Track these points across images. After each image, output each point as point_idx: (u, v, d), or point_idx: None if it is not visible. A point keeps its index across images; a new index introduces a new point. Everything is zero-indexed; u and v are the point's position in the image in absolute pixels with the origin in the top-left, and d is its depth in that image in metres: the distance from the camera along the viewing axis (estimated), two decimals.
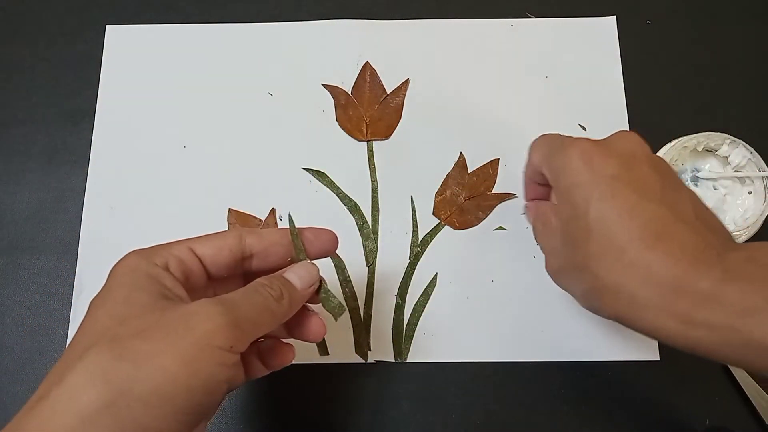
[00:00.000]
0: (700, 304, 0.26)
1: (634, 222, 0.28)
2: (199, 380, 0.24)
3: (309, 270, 0.32)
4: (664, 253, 0.27)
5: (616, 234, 0.28)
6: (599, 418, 0.43)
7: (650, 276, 0.27)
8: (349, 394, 0.44)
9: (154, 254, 0.28)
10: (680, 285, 0.27)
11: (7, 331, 0.45)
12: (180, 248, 0.29)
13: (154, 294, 0.27)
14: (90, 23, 0.53)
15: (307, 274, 0.31)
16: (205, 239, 0.31)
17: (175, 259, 0.29)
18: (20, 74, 0.51)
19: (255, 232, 0.32)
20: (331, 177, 0.48)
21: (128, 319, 0.25)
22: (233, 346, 0.26)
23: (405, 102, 0.50)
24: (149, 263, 0.28)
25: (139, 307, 0.26)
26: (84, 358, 0.24)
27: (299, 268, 0.31)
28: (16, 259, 0.47)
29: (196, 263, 0.30)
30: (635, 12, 0.52)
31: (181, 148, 0.49)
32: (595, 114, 0.49)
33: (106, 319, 0.25)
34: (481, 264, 0.46)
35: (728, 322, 0.26)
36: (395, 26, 0.52)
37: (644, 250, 0.27)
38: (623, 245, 0.28)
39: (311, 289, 0.31)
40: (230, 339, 0.25)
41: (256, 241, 0.31)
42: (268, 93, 0.51)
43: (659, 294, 0.27)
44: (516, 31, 0.52)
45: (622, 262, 0.28)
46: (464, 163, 0.48)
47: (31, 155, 0.49)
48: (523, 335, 0.44)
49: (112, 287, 0.27)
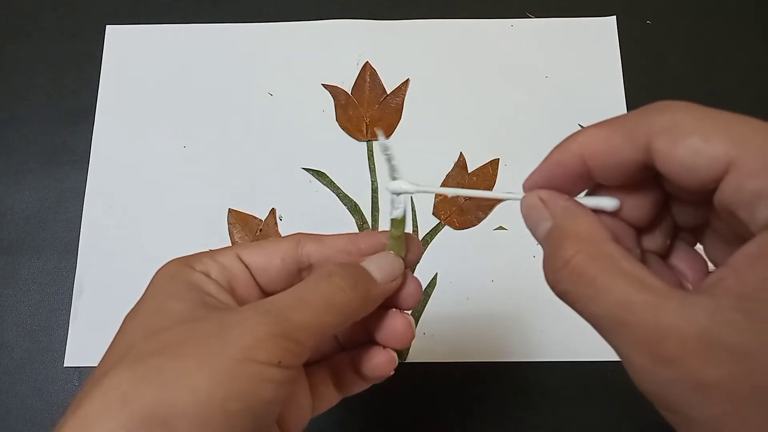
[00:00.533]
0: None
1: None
2: (240, 403, 0.20)
3: (391, 261, 0.26)
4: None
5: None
6: (599, 418, 0.43)
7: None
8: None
9: (196, 260, 0.25)
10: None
11: (7, 331, 0.45)
12: (225, 254, 0.26)
13: (192, 302, 0.23)
14: (90, 23, 0.53)
15: (389, 264, 0.26)
16: (255, 245, 0.27)
17: (218, 266, 0.25)
18: (20, 74, 0.51)
19: (315, 238, 0.27)
20: (331, 177, 0.48)
21: (158, 331, 0.22)
22: (282, 361, 0.21)
23: (405, 102, 0.50)
24: (189, 269, 0.24)
25: (172, 317, 0.22)
26: (102, 381, 0.20)
27: (380, 258, 0.26)
28: (16, 259, 0.47)
29: (242, 271, 0.26)
30: (635, 12, 0.52)
31: (181, 148, 0.49)
32: (595, 114, 0.49)
33: (135, 334, 0.22)
34: (481, 264, 0.46)
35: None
36: (395, 26, 0.52)
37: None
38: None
39: (394, 284, 0.26)
40: (277, 352, 0.21)
41: (316, 248, 0.27)
42: (268, 93, 0.51)
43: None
44: (516, 31, 0.52)
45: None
46: (464, 163, 0.48)
47: (31, 155, 0.49)
48: (523, 335, 0.44)
49: (147, 297, 0.24)
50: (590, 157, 0.21)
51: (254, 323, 0.21)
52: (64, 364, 0.44)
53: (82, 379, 0.44)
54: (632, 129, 0.20)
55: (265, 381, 0.21)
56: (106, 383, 0.20)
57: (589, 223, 0.22)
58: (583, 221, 0.22)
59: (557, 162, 0.23)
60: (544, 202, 0.23)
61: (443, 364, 0.44)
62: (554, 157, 0.23)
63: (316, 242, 0.27)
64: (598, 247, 0.20)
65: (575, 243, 0.21)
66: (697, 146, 0.18)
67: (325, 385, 0.29)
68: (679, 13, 0.53)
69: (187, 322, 0.22)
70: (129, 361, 0.21)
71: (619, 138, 0.20)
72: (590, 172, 0.22)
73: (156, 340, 0.21)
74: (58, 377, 0.44)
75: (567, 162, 0.22)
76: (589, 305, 0.20)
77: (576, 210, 0.22)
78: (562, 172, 0.23)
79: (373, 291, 0.25)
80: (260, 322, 0.21)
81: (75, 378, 0.44)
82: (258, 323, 0.21)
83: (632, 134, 0.20)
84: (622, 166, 0.21)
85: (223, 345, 0.21)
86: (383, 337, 0.27)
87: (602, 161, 0.21)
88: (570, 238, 0.21)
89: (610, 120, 0.21)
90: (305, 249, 0.27)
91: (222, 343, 0.21)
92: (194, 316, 0.22)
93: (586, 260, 0.20)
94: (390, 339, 0.27)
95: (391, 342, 0.27)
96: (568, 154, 0.22)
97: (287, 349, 0.21)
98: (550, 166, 0.23)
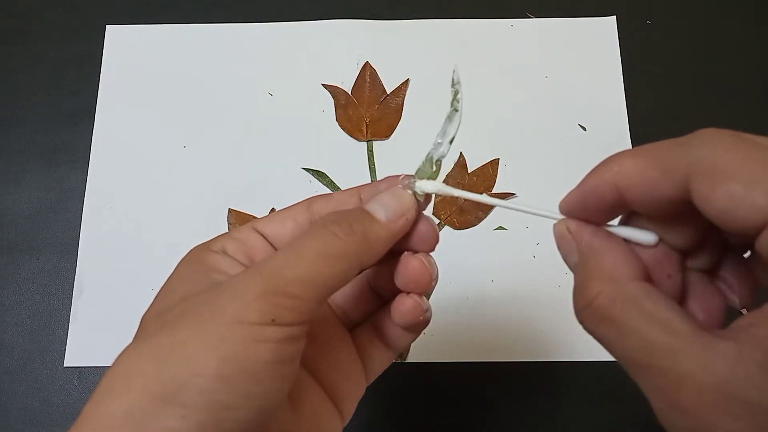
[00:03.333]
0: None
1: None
2: (234, 366, 0.19)
3: (398, 196, 0.25)
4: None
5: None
6: (599, 418, 0.43)
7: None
8: None
9: (212, 242, 0.25)
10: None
11: (7, 331, 0.45)
12: (242, 230, 0.26)
13: (201, 281, 0.23)
14: (90, 23, 0.53)
15: (395, 201, 0.24)
16: (269, 217, 0.26)
17: (235, 241, 0.25)
18: (20, 74, 0.51)
19: (324, 196, 0.26)
20: (331, 177, 0.48)
21: (162, 311, 0.22)
22: (276, 318, 0.20)
23: (405, 102, 0.50)
24: (204, 251, 0.24)
25: (176, 297, 0.22)
26: (111, 367, 0.20)
27: (384, 195, 0.25)
28: (16, 259, 0.47)
29: (260, 241, 0.25)
30: (635, 12, 0.52)
31: (181, 148, 0.49)
32: (595, 114, 0.49)
33: (145, 319, 0.23)
34: (481, 264, 0.46)
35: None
36: (395, 26, 0.52)
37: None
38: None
39: (402, 220, 0.24)
40: (269, 310, 0.20)
41: (323, 204, 0.26)
42: (268, 93, 0.51)
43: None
44: (516, 31, 0.52)
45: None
46: (464, 163, 0.48)
47: (31, 155, 0.49)
48: (523, 335, 0.44)
49: (167, 280, 0.24)
50: (625, 189, 0.20)
51: (245, 285, 0.21)
52: (64, 364, 0.44)
53: (82, 378, 0.44)
54: (669, 163, 0.19)
55: (260, 341, 0.20)
56: (114, 368, 0.20)
57: (615, 260, 0.21)
58: (609, 258, 0.21)
59: (591, 189, 0.21)
60: (572, 234, 0.22)
61: (443, 364, 0.44)
62: (588, 183, 0.21)
63: (324, 200, 0.26)
64: (621, 288, 0.20)
65: (598, 283, 0.20)
66: (737, 194, 0.17)
67: (373, 345, 0.28)
68: (679, 13, 0.53)
69: (188, 298, 0.22)
70: (133, 344, 0.21)
71: (655, 172, 0.19)
72: (626, 202, 0.21)
73: (159, 321, 0.21)
74: (58, 377, 0.44)
75: (601, 191, 0.21)
76: (612, 347, 0.20)
77: (602, 245, 0.21)
78: (596, 200, 0.21)
79: (374, 232, 0.23)
80: (251, 283, 0.21)
81: (75, 378, 0.44)
82: (248, 284, 0.21)
83: (669, 169, 0.19)
84: (658, 200, 0.20)
85: (214, 312, 0.20)
86: (402, 282, 0.26)
87: (638, 194, 0.20)
88: (593, 277, 0.21)
89: (646, 148, 0.20)
90: (314, 207, 0.26)
91: (213, 310, 0.20)
92: (194, 292, 0.22)
93: (607, 302, 0.20)
94: (408, 283, 0.26)
95: (410, 287, 0.26)
96: (602, 182, 0.21)
97: (281, 306, 0.20)
98: (583, 192, 0.22)
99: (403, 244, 0.25)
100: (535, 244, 0.46)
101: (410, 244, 0.26)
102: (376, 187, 0.26)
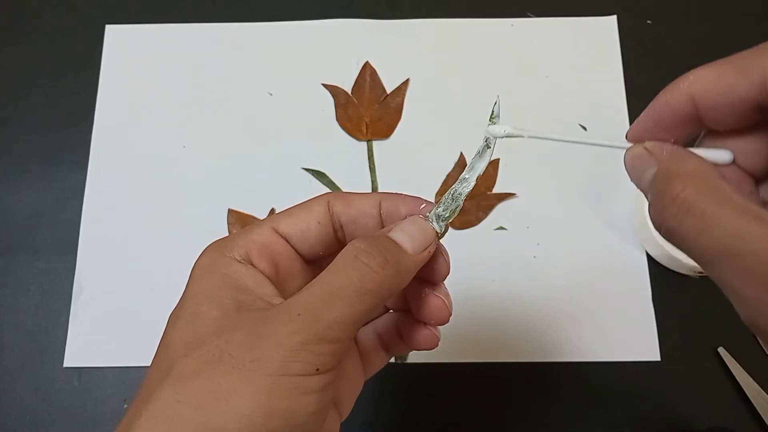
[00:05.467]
0: None
1: None
2: (281, 420, 0.20)
3: (423, 228, 0.24)
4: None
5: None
6: (599, 418, 0.43)
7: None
8: None
9: (233, 245, 0.24)
10: None
11: (7, 332, 0.45)
12: (262, 231, 0.24)
13: (228, 304, 0.22)
14: (90, 23, 0.53)
15: (421, 232, 0.24)
16: (287, 214, 0.25)
17: (258, 246, 0.24)
18: (20, 74, 0.51)
19: (343, 197, 0.26)
20: (331, 177, 0.48)
21: (194, 344, 0.21)
22: (320, 367, 0.20)
23: (405, 102, 0.50)
24: (226, 259, 0.23)
25: (208, 326, 0.21)
26: (148, 405, 0.20)
27: (410, 226, 0.24)
28: (16, 259, 0.47)
29: (283, 245, 0.25)
30: (635, 12, 0.52)
31: (181, 148, 0.49)
32: (595, 114, 0.49)
33: (175, 346, 0.22)
34: (481, 264, 0.46)
35: None
36: (395, 26, 0.52)
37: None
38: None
39: (425, 253, 0.24)
40: (312, 360, 0.20)
41: (343, 208, 0.25)
42: (268, 93, 0.50)
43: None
44: (516, 31, 0.52)
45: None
46: (464, 162, 0.48)
47: (31, 155, 0.49)
48: (523, 335, 0.44)
49: (186, 297, 0.23)
50: (701, 96, 0.20)
51: (286, 333, 0.20)
52: (63, 365, 0.44)
53: (82, 379, 0.44)
54: (746, 65, 0.19)
55: (306, 393, 0.20)
56: (152, 408, 0.20)
57: (698, 162, 0.20)
58: (692, 162, 0.21)
59: (665, 102, 0.21)
60: (650, 151, 0.22)
61: (443, 364, 0.44)
62: (662, 97, 0.21)
63: (344, 202, 0.25)
64: (708, 182, 0.19)
65: (683, 179, 0.20)
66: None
67: (374, 349, 0.28)
68: (679, 13, 0.52)
69: (222, 333, 0.21)
70: (171, 381, 0.20)
71: (732, 74, 0.20)
72: (700, 114, 0.21)
73: (194, 357, 0.21)
74: (57, 377, 0.44)
75: (675, 102, 0.21)
76: (698, 238, 0.19)
77: (683, 153, 0.21)
78: (670, 114, 0.21)
79: (404, 264, 0.23)
80: (292, 331, 0.20)
81: (75, 378, 0.44)
82: (290, 332, 0.20)
83: (746, 70, 0.19)
84: (734, 106, 0.20)
85: (258, 361, 0.20)
86: (423, 317, 0.26)
87: (713, 100, 0.20)
88: (678, 177, 0.20)
89: (720, 60, 0.20)
90: (334, 210, 0.25)
91: (257, 359, 0.20)
92: (229, 324, 0.21)
93: (695, 194, 0.19)
94: (429, 319, 0.26)
95: (429, 321, 0.26)
96: (677, 93, 0.21)
97: (323, 353, 0.20)
98: (657, 107, 0.21)
99: (419, 273, 0.25)
100: (535, 244, 0.46)
101: (426, 273, 0.26)
102: (396, 203, 0.26)
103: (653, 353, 0.44)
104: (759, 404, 0.42)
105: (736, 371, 0.43)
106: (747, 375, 0.42)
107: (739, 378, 0.42)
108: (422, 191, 0.47)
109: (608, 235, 0.46)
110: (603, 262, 0.46)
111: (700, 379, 0.43)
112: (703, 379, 0.43)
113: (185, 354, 0.21)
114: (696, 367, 0.43)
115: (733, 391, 0.43)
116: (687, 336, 0.44)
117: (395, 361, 0.44)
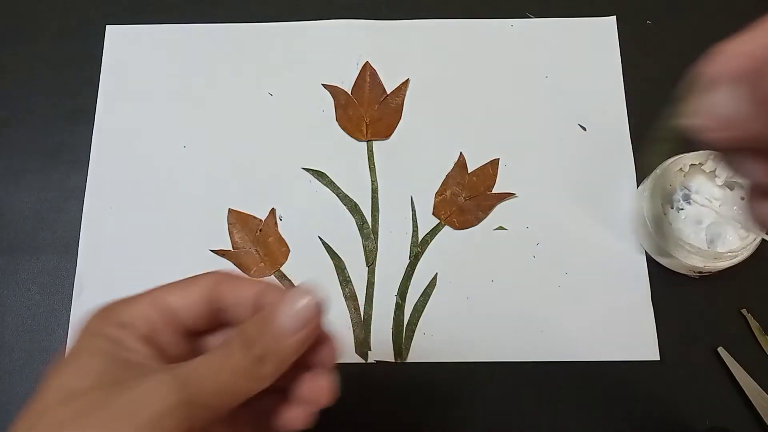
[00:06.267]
0: None
1: None
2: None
3: (305, 303, 0.23)
4: None
5: None
6: (599, 418, 0.43)
7: None
8: (348, 394, 0.44)
9: (120, 311, 0.25)
10: None
11: (7, 331, 0.45)
12: (148, 300, 0.25)
13: (111, 362, 0.23)
14: (90, 23, 0.53)
15: (303, 308, 0.23)
16: (175, 287, 0.26)
17: (142, 315, 0.25)
18: (20, 74, 0.51)
19: (234, 280, 0.26)
20: (331, 177, 0.48)
21: (74, 396, 0.22)
22: (190, 430, 0.22)
23: (405, 102, 0.50)
24: (112, 324, 0.24)
25: (89, 379, 0.22)
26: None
27: (292, 300, 0.23)
28: (16, 259, 0.47)
29: (168, 316, 0.25)
30: (635, 12, 0.52)
31: (181, 148, 0.49)
32: (595, 114, 0.49)
33: (54, 394, 0.23)
34: (481, 264, 0.46)
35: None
36: (395, 26, 0.52)
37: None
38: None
39: (306, 332, 0.23)
40: (184, 421, 0.21)
41: (228, 292, 0.26)
42: (268, 93, 0.51)
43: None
44: (516, 31, 0.52)
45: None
46: (464, 163, 0.48)
47: (31, 155, 0.49)
48: (523, 335, 0.44)
49: (72, 351, 0.24)
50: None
51: (162, 392, 0.22)
52: None
53: None
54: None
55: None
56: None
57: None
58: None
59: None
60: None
61: (443, 364, 0.44)
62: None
63: (231, 286, 0.26)
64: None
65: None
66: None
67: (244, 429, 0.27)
68: (679, 13, 0.53)
69: (102, 388, 0.22)
70: (43, 428, 0.22)
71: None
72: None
73: (72, 407, 0.22)
74: None
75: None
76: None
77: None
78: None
79: (280, 351, 0.23)
80: (168, 390, 0.22)
81: None
82: (166, 391, 0.22)
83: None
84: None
85: (132, 415, 0.21)
86: (298, 399, 0.27)
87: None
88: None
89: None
90: (221, 289, 0.26)
91: (131, 414, 0.21)
92: (109, 380, 0.22)
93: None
94: (303, 399, 0.27)
95: (301, 402, 0.27)
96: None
97: (195, 416, 0.22)
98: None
99: (302, 358, 0.25)
100: (535, 244, 0.46)
101: (310, 358, 0.26)
102: (281, 295, 0.25)
103: (653, 353, 0.44)
104: (759, 404, 0.42)
105: (736, 371, 0.43)
106: (747, 375, 0.42)
107: (739, 378, 0.43)
108: (422, 191, 0.48)
109: (608, 235, 0.46)
110: (603, 262, 0.46)
111: (699, 379, 0.43)
112: (702, 379, 0.43)
113: (62, 401, 0.22)
114: (696, 367, 0.43)
115: (733, 391, 0.43)
116: (687, 336, 0.44)
117: (395, 360, 0.44)
